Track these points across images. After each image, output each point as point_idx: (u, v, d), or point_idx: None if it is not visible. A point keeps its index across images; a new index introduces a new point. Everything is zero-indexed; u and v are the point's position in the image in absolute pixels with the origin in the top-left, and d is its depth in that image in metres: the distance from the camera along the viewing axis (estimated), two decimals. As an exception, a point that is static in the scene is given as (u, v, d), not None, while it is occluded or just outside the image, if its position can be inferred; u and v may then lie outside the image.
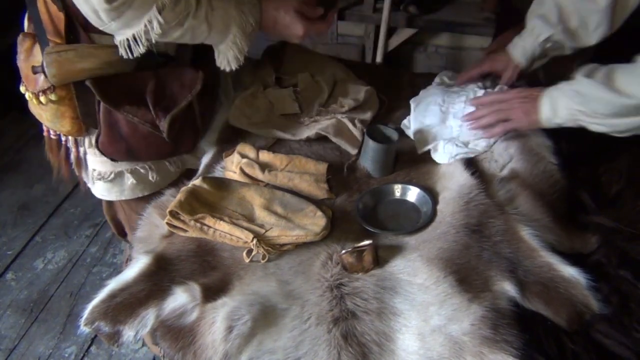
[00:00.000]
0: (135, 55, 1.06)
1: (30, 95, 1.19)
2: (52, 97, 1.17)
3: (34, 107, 1.24)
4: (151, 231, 1.11)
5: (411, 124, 1.35)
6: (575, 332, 0.91)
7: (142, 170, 1.33)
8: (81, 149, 1.32)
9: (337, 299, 0.93)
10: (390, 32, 2.94)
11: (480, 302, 0.89)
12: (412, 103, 1.40)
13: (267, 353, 0.87)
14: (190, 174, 1.35)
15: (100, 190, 1.37)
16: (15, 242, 2.34)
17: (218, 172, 1.26)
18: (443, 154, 1.23)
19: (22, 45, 1.19)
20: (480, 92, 1.32)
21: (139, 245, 1.11)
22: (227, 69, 1.18)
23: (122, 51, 1.06)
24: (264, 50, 1.60)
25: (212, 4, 1.08)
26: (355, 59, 2.93)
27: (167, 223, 1.05)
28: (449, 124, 1.30)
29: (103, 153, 1.25)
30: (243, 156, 1.23)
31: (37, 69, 1.14)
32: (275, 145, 1.31)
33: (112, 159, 1.28)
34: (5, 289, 2.14)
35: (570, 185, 1.17)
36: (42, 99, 1.17)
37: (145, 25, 1.02)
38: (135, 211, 1.40)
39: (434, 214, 1.10)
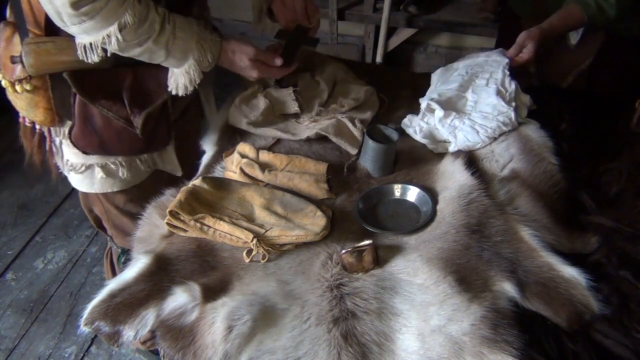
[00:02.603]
0: (90, 61, 1.08)
1: (7, 83, 1.21)
2: (27, 86, 1.19)
3: (9, 95, 1.26)
4: (151, 231, 1.11)
5: (428, 94, 1.38)
6: (575, 332, 0.91)
7: (112, 166, 1.34)
8: (57, 139, 1.34)
9: (337, 299, 0.93)
10: (390, 32, 2.95)
11: (480, 302, 0.89)
12: (434, 76, 1.45)
13: (267, 353, 0.87)
14: (190, 174, 1.35)
15: (74, 181, 1.39)
16: (15, 242, 2.34)
17: (218, 172, 1.26)
18: (449, 126, 1.25)
19: (3, 33, 1.20)
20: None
21: (139, 245, 1.11)
22: (174, 93, 1.20)
23: (79, 53, 1.08)
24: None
25: (175, 34, 1.11)
26: (355, 59, 2.94)
27: (167, 223, 1.05)
28: (467, 95, 1.32)
29: (75, 145, 1.27)
30: (243, 156, 1.23)
31: (15, 58, 1.16)
32: (275, 145, 1.31)
33: (84, 152, 1.29)
34: (5, 289, 2.14)
35: (570, 185, 1.17)
36: (18, 87, 1.19)
37: (104, 38, 1.05)
38: (112, 204, 1.43)
39: (433, 213, 1.10)
